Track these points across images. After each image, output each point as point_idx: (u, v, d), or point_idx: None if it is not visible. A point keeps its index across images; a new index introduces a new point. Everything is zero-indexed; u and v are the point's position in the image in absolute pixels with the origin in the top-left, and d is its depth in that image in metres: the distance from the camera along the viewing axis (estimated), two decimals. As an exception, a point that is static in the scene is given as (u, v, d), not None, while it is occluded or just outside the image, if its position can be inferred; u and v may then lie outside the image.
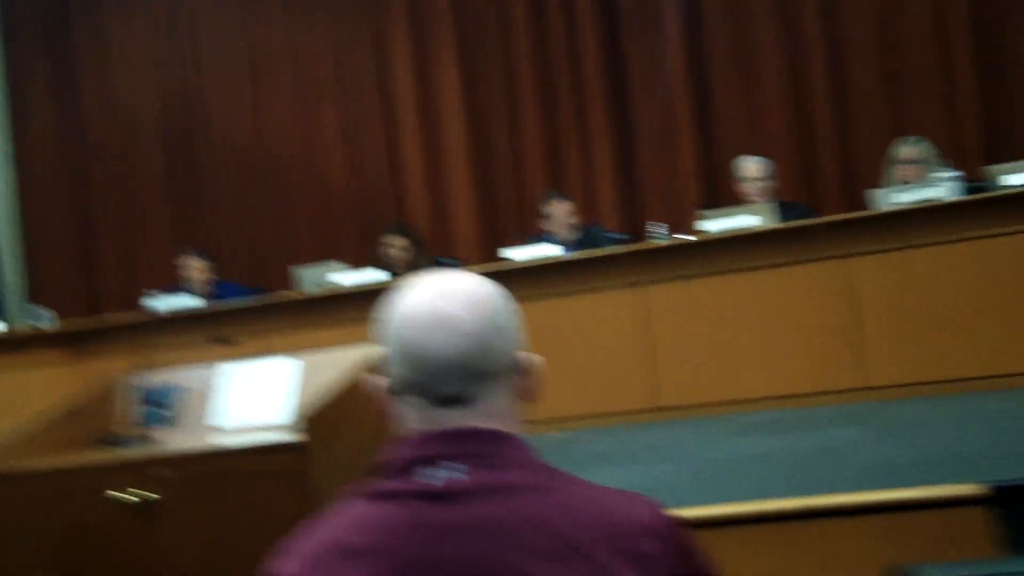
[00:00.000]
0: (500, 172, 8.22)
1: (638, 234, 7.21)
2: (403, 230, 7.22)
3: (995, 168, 5.59)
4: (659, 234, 5.96)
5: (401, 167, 8.47)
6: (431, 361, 1.31)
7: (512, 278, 5.85)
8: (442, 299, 1.34)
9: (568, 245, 6.45)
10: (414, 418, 1.34)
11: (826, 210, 7.09)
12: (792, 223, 5.68)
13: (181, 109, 9.01)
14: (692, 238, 5.83)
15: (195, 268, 7.25)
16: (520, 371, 1.38)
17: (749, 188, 6.33)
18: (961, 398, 4.96)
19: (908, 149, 6.07)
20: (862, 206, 6.03)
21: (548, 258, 6.03)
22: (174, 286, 7.21)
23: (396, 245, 7.04)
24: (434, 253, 7.54)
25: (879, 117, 7.34)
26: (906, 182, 5.93)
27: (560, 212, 6.59)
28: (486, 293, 1.37)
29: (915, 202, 5.39)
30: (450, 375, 1.31)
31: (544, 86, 8.08)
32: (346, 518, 1.31)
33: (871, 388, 5.33)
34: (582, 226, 6.71)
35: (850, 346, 5.39)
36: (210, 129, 8.96)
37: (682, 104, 7.73)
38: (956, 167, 5.69)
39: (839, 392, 5.34)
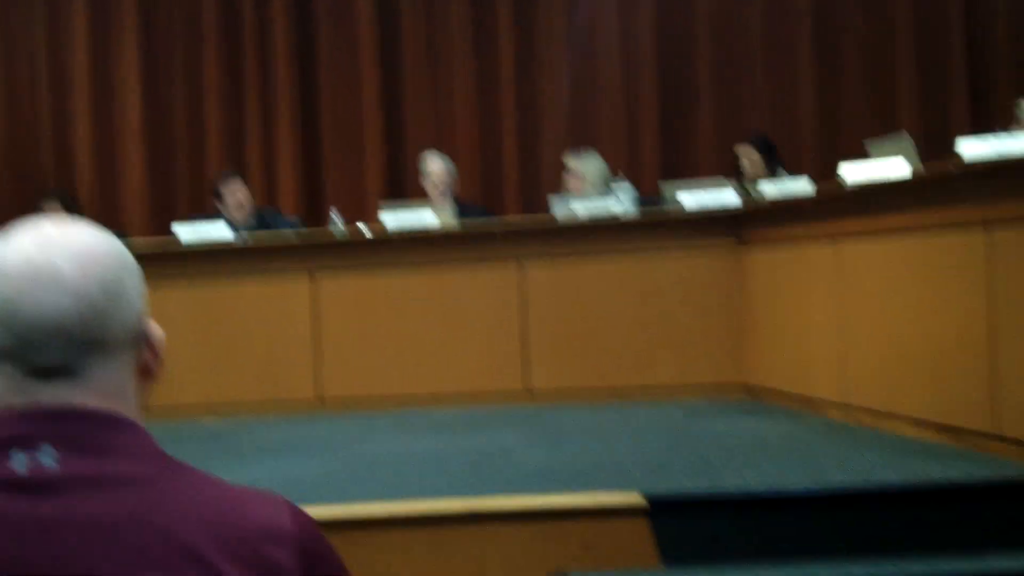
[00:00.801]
0: (177, 146, 7.86)
1: (319, 219, 7.04)
2: (59, 195, 6.69)
3: (670, 185, 5.78)
4: (337, 222, 5.83)
5: (69, 132, 7.91)
6: (26, 323, 1.06)
7: (180, 258, 5.60)
8: (46, 250, 1.08)
9: (241, 227, 6.17)
10: (5, 391, 1.11)
11: (507, 209, 7.19)
12: (468, 225, 5.71)
13: None
14: (366, 230, 5.73)
15: None
16: (140, 344, 1.16)
17: (431, 184, 6.30)
18: (615, 407, 5.16)
19: (576, 163, 6.19)
20: (542, 208, 6.12)
21: (216, 241, 5.77)
22: None
23: (50, 212, 6.51)
24: (96, 223, 7.01)
25: (565, 127, 7.50)
26: (569, 192, 6.05)
27: (234, 192, 6.30)
28: (103, 247, 1.11)
29: (585, 214, 5.51)
30: (51, 342, 1.07)
31: (229, 62, 7.79)
32: None
33: (534, 392, 5.43)
34: (257, 208, 6.45)
35: (516, 349, 5.46)
36: None
37: (371, 91, 7.62)
38: (633, 182, 5.86)
39: (504, 394, 5.42)
